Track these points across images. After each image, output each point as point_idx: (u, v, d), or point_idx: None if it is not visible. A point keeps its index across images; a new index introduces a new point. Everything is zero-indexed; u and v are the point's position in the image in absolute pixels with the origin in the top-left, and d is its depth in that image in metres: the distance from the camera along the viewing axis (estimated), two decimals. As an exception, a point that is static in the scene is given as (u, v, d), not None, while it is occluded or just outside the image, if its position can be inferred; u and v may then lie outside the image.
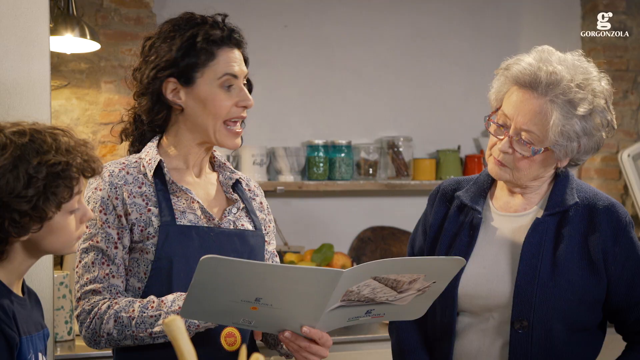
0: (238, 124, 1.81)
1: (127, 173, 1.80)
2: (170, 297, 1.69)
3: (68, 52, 3.18)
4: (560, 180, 1.86)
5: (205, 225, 1.79)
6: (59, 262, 3.06)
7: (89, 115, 3.37)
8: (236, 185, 1.91)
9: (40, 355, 1.53)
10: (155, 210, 1.76)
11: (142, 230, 1.75)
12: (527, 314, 1.76)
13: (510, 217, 1.88)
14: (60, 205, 1.44)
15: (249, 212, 1.88)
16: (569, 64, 1.77)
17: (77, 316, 1.75)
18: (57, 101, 3.28)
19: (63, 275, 2.77)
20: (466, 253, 1.85)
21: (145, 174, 1.80)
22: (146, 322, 1.67)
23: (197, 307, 1.54)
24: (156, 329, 1.67)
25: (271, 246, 1.95)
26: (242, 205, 1.88)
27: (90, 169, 1.49)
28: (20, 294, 1.53)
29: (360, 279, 1.52)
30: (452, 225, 1.92)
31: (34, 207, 1.41)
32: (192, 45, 1.77)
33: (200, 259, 1.44)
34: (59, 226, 1.47)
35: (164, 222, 1.74)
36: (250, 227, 1.86)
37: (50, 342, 2.15)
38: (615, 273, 1.79)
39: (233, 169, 1.92)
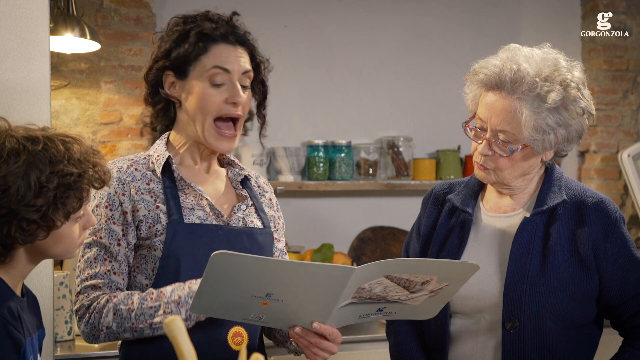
0: (232, 126, 1.80)
1: (136, 169, 1.80)
2: (169, 287, 1.69)
3: (68, 52, 3.18)
4: (548, 179, 1.87)
5: (214, 222, 1.79)
6: (59, 262, 3.06)
7: (89, 115, 3.37)
8: (245, 181, 1.91)
9: (38, 356, 1.53)
10: (163, 207, 1.76)
11: (150, 227, 1.75)
12: (518, 314, 1.77)
13: (499, 217, 1.88)
14: (68, 215, 1.44)
15: (258, 209, 1.88)
16: (536, 59, 1.78)
17: (76, 311, 1.76)
18: (57, 101, 3.29)
19: (63, 275, 2.78)
20: (456, 254, 1.86)
21: (153, 171, 1.81)
22: (145, 314, 1.68)
23: (208, 303, 1.54)
24: (156, 319, 1.67)
25: (280, 243, 1.95)
26: (251, 202, 1.88)
27: (100, 181, 1.49)
28: (20, 295, 1.53)
29: (372, 277, 1.51)
30: (443, 227, 1.93)
31: (42, 217, 1.41)
32: (185, 38, 1.79)
33: (212, 254, 1.44)
34: (64, 234, 1.47)
35: (172, 219, 1.74)
36: (259, 224, 1.86)
37: (50, 342, 2.15)
38: (607, 269, 1.79)
39: (242, 165, 1.93)
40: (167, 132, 1.89)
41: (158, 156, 1.81)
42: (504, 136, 1.76)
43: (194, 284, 1.67)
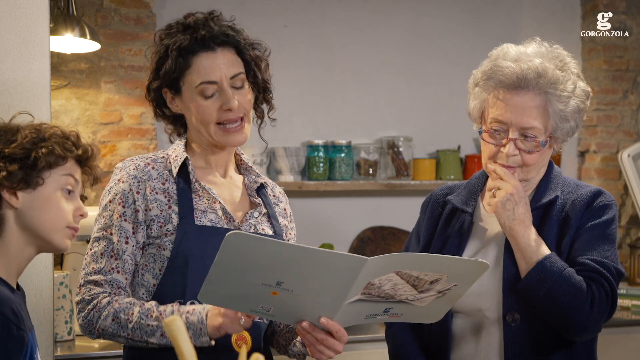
0: (237, 122, 1.79)
1: (153, 168, 1.81)
2: (168, 310, 1.69)
3: (68, 52, 3.18)
4: (547, 177, 1.89)
5: (226, 226, 1.79)
6: (59, 262, 3.06)
7: (89, 115, 3.37)
8: (260, 189, 1.91)
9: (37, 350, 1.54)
10: (175, 208, 1.77)
11: (161, 227, 1.75)
12: (518, 307, 1.78)
13: None
14: (52, 164, 1.49)
15: (271, 217, 1.88)
16: (539, 54, 1.81)
17: (77, 303, 1.76)
18: (57, 101, 3.29)
19: (63, 275, 2.78)
20: (456, 254, 1.87)
21: (170, 171, 1.81)
22: (142, 329, 1.68)
23: (217, 290, 1.53)
24: (152, 340, 1.68)
25: None
26: (264, 210, 1.88)
27: (87, 149, 1.57)
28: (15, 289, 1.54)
29: (383, 271, 1.51)
30: (444, 229, 1.94)
31: (27, 157, 1.47)
32: (165, 55, 1.78)
33: (227, 234, 1.43)
34: (49, 198, 1.50)
35: (182, 220, 1.75)
36: (270, 232, 1.86)
37: (50, 342, 2.15)
38: (580, 236, 1.80)
39: (259, 173, 1.92)
40: (187, 133, 1.89)
41: (176, 157, 1.82)
42: (532, 132, 1.78)
43: (191, 314, 1.66)
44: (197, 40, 1.76)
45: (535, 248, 1.76)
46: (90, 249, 1.78)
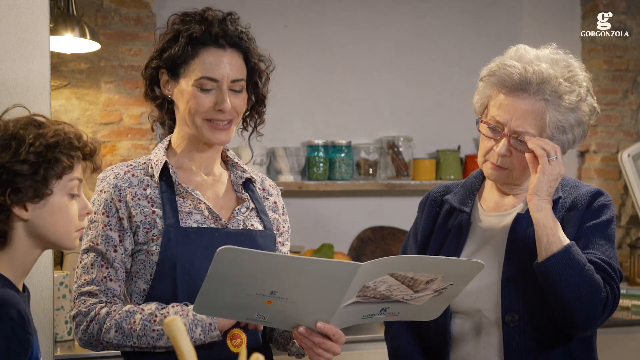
0: (223, 122, 1.79)
1: (133, 175, 1.80)
2: (172, 310, 1.69)
3: (68, 52, 3.18)
4: None
5: (213, 225, 1.79)
6: (59, 262, 3.06)
7: (89, 115, 3.37)
8: (248, 184, 1.90)
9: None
10: (159, 212, 1.76)
11: (147, 232, 1.75)
12: (517, 307, 1.78)
13: (497, 216, 1.89)
14: (61, 174, 1.47)
15: (259, 212, 1.87)
16: (550, 60, 1.80)
17: (74, 317, 1.75)
18: (57, 101, 3.29)
19: (63, 275, 2.77)
20: (455, 254, 1.87)
21: (152, 176, 1.80)
22: (148, 336, 1.68)
23: (211, 302, 1.53)
24: (159, 344, 1.68)
25: (285, 247, 1.93)
26: (252, 205, 1.87)
27: (92, 147, 1.55)
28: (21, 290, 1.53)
29: (377, 274, 1.51)
30: (442, 228, 1.94)
31: (35, 172, 1.45)
32: (176, 39, 1.78)
33: (218, 249, 1.43)
34: (59, 207, 1.49)
35: (167, 224, 1.74)
36: (260, 227, 1.85)
37: (50, 342, 2.15)
38: (582, 235, 1.80)
39: (245, 167, 1.91)
40: (170, 135, 1.88)
41: (157, 161, 1.81)
42: (525, 137, 1.77)
43: None
44: (211, 34, 1.76)
45: (560, 232, 1.74)
46: (80, 262, 1.78)
